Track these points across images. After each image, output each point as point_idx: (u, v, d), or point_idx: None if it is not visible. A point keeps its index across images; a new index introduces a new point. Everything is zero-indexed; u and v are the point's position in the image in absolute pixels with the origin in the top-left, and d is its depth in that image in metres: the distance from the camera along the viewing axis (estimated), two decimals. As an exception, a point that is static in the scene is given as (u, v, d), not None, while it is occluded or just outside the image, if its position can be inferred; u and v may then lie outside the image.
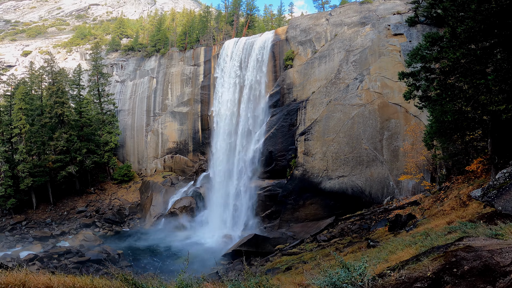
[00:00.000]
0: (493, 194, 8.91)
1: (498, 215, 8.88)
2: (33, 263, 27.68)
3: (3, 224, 43.70)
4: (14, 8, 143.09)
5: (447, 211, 14.00)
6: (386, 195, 38.59)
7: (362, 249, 14.40)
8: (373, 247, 12.81)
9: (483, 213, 9.98)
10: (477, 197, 9.32)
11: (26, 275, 5.27)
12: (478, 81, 13.54)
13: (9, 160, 48.22)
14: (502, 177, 9.30)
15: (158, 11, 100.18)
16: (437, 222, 11.87)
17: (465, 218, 10.72)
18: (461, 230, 7.82)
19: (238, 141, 49.53)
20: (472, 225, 8.81)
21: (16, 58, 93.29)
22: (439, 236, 8.24)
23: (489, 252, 4.42)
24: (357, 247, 15.98)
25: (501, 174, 9.44)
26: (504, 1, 13.61)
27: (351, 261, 12.71)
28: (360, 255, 12.69)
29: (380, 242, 15.11)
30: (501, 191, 8.86)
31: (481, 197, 9.17)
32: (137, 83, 66.77)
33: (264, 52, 50.61)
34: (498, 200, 8.63)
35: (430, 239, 8.58)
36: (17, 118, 48.77)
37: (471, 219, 10.41)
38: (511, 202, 8.28)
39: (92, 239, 39.68)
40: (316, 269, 13.28)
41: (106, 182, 58.91)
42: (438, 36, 17.25)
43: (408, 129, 37.79)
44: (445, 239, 7.34)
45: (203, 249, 41.45)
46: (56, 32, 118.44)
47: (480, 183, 15.87)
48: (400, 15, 45.30)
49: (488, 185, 9.46)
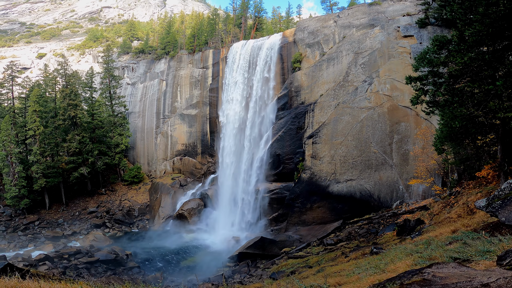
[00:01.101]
0: (498, 204, 8.72)
1: (503, 225, 8.71)
2: (43, 263, 28.33)
3: (17, 224, 44.88)
4: (29, 10, 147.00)
5: (454, 218, 13.74)
6: (395, 199, 38.08)
7: (366, 255, 14.26)
8: (376, 254, 12.68)
9: (489, 222, 9.78)
10: (481, 207, 9.14)
11: (18, 282, 5.45)
12: (487, 87, 13.26)
13: (24, 161, 49.53)
14: (508, 187, 9.10)
15: (167, 13, 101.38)
16: (442, 230, 11.67)
17: (470, 227, 10.52)
18: (461, 241, 7.70)
19: (246, 144, 49.67)
20: (474, 235, 8.67)
21: (31, 60, 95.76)
22: (439, 246, 8.13)
23: (443, 286, 4.34)
24: (361, 253, 15.82)
25: (507, 184, 9.23)
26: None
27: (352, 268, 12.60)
28: (362, 262, 12.59)
29: (385, 248, 14.94)
30: (505, 201, 8.67)
31: (485, 207, 8.99)
32: (147, 86, 67.71)
33: (272, 55, 50.66)
34: (502, 211, 8.45)
35: (430, 249, 8.47)
36: (32, 120, 50.02)
37: (475, 228, 10.22)
38: (515, 213, 8.10)
39: (102, 240, 40.37)
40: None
41: (116, 183, 59.86)
42: (446, 40, 16.98)
43: (418, 133, 37.23)
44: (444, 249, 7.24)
45: (210, 251, 41.70)
46: (70, 34, 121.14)
47: (490, 190, 15.52)
48: (410, 16, 44.70)
49: (493, 195, 9.26)
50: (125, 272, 31.77)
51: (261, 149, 47.93)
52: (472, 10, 14.93)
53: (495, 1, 13.65)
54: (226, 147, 52.22)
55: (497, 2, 13.59)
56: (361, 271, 10.03)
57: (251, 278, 31.06)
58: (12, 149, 47.59)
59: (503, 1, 13.48)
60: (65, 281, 12.67)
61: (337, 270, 13.82)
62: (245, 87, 52.28)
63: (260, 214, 45.63)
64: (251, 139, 49.41)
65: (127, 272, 31.84)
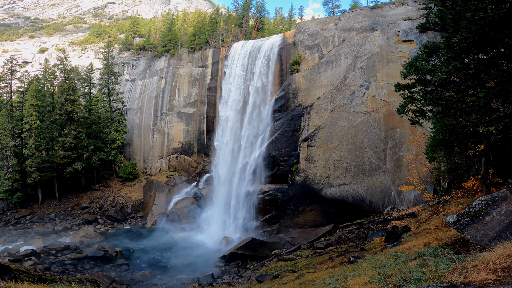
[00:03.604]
0: (466, 221, 8.51)
1: (470, 243, 8.50)
2: (29, 259, 28.25)
3: (8, 218, 44.90)
4: (35, 5, 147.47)
5: (431, 230, 13.52)
6: (387, 204, 37.80)
7: (344, 264, 14.06)
8: (352, 263, 12.48)
9: (459, 237, 9.58)
10: (450, 223, 8.92)
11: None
12: (469, 98, 12.99)
13: (18, 154, 49.60)
14: (478, 205, 8.87)
15: (171, 11, 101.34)
16: (417, 242, 11.46)
17: (442, 240, 10.30)
18: (423, 258, 7.51)
19: (242, 144, 49.51)
20: (440, 251, 8.47)
21: (33, 54, 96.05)
22: (402, 262, 7.94)
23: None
24: (339, 262, 15.63)
25: (478, 201, 9.01)
26: (502, 9, 12.94)
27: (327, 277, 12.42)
28: (337, 271, 12.44)
29: (365, 256, 14.75)
30: (474, 219, 8.46)
31: (453, 223, 8.77)
32: (146, 83, 67.70)
33: (271, 56, 50.44)
34: (468, 228, 8.23)
35: (395, 264, 8.28)
36: (28, 114, 50.10)
37: (447, 243, 10.01)
38: (481, 231, 7.88)
39: (92, 236, 40.32)
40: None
41: (111, 179, 59.88)
42: (434, 47, 16.73)
43: (412, 139, 36.91)
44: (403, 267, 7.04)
45: (201, 250, 41.59)
46: (73, 29, 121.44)
47: (471, 202, 15.29)
48: (411, 21, 44.37)
49: (463, 212, 9.04)
50: (113, 269, 31.68)
51: (256, 150, 47.76)
52: (461, 16, 14.63)
53: (483, 7, 13.33)
54: (222, 147, 52.08)
55: (485, 7, 13.28)
56: (330, 282, 9.86)
57: (240, 279, 30.97)
58: (8, 142, 47.67)
59: (491, 6, 13.15)
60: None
61: (313, 278, 13.65)
62: (243, 87, 52.11)
63: (253, 215, 45.48)
64: (247, 139, 49.26)
65: (115, 269, 31.75)
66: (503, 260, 4.89)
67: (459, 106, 13.58)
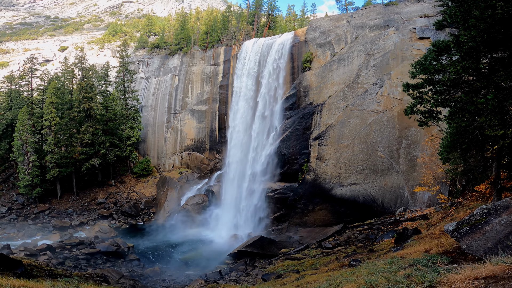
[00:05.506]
0: (464, 230, 8.25)
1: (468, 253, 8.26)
2: (44, 253, 29.40)
3: (27, 213, 46.78)
4: (55, 4, 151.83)
5: (436, 235, 13.16)
6: (399, 205, 37.05)
7: (344, 267, 13.93)
8: (352, 266, 12.35)
9: (458, 245, 9.32)
10: (449, 231, 8.67)
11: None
12: (478, 100, 12.51)
13: (38, 150, 51.53)
14: (479, 213, 8.58)
15: (184, 8, 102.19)
16: (418, 248, 11.19)
17: (443, 247, 10.04)
18: (415, 267, 7.36)
19: (253, 142, 49.60)
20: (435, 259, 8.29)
21: (54, 53, 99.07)
22: (395, 271, 7.81)
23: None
24: (340, 265, 15.48)
25: (479, 209, 8.71)
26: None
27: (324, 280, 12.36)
28: (335, 274, 12.37)
29: (367, 259, 14.56)
30: (473, 228, 8.19)
31: (452, 231, 8.52)
32: (160, 80, 68.71)
33: (282, 53, 50.11)
34: (466, 238, 7.99)
35: (388, 272, 8.16)
36: (48, 111, 51.88)
37: (447, 250, 9.77)
38: (477, 241, 7.64)
39: (107, 231, 41.51)
40: None
41: (126, 175, 61.32)
42: (444, 45, 16.18)
43: (427, 139, 35.93)
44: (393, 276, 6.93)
45: (211, 247, 42.12)
46: (92, 28, 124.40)
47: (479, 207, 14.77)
48: (427, 18, 42.97)
49: (463, 220, 8.78)
50: (124, 264, 32.52)
51: (267, 148, 47.74)
52: (470, 13, 14.08)
53: (493, 4, 12.76)
54: (233, 144, 52.35)
55: (494, 4, 12.71)
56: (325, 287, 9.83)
57: (247, 276, 31.15)
58: (28, 139, 49.56)
59: (500, 3, 12.57)
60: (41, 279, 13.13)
61: (311, 281, 13.62)
62: (254, 85, 52.09)
63: (262, 213, 45.59)
64: (258, 137, 49.28)
65: (126, 265, 32.59)
66: (465, 284, 4.65)
67: (469, 107, 13.10)
